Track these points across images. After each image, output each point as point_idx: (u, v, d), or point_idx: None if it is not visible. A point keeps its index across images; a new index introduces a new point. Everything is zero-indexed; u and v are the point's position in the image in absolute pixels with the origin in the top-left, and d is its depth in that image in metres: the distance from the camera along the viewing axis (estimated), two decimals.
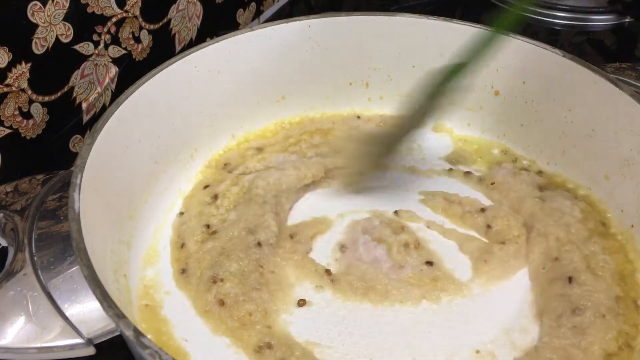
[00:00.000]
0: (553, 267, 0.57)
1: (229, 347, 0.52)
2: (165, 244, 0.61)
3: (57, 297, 0.47)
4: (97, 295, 0.42)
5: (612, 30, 1.04)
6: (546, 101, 0.68)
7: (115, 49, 0.74)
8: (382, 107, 0.77)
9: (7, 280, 0.48)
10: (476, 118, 0.74)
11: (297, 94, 0.75)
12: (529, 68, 0.68)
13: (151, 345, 0.39)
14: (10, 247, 0.52)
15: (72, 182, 0.49)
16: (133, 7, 0.75)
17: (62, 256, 0.50)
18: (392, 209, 0.65)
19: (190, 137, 0.68)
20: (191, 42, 0.88)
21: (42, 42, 0.64)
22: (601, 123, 0.62)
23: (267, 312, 0.53)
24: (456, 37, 0.70)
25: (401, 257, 0.59)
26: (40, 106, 0.66)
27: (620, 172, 0.61)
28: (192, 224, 0.62)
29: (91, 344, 0.46)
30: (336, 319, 0.55)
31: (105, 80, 0.74)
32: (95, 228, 0.49)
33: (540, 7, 1.05)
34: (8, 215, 0.54)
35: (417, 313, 0.55)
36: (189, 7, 0.85)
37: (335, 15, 0.71)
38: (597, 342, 0.50)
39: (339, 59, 0.74)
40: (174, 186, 0.66)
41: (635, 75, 0.69)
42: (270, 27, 0.70)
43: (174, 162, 0.66)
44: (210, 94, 0.68)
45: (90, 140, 0.53)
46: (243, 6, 0.99)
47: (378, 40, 0.72)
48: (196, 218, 0.62)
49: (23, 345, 0.45)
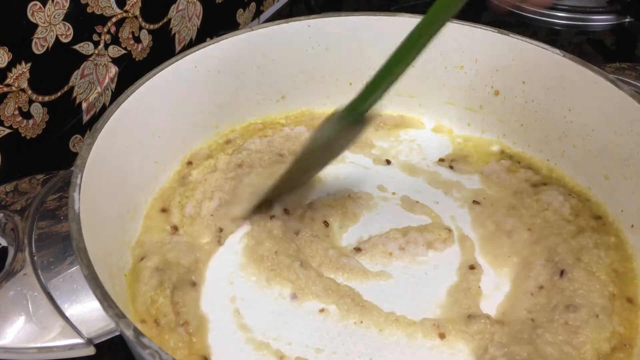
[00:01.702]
0: (542, 255, 0.58)
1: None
2: None
3: (57, 297, 0.47)
4: (97, 295, 0.42)
5: (612, 30, 1.04)
6: (546, 101, 0.68)
7: (115, 49, 0.74)
8: (382, 107, 0.77)
9: (7, 280, 0.48)
10: (476, 118, 0.74)
11: (297, 93, 0.75)
12: (529, 68, 0.68)
13: (151, 345, 0.39)
14: (10, 247, 0.52)
15: (72, 182, 0.49)
16: (133, 7, 0.75)
17: (62, 256, 0.50)
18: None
19: (190, 137, 0.68)
20: (191, 42, 0.88)
21: (42, 42, 0.64)
22: (601, 123, 0.62)
23: None
24: (456, 37, 0.70)
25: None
26: (40, 106, 0.66)
27: (620, 172, 0.61)
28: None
29: (91, 344, 0.46)
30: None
31: (105, 80, 0.74)
32: (95, 228, 0.49)
33: (540, 7, 1.05)
34: (8, 215, 0.54)
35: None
36: (189, 7, 0.85)
37: (335, 15, 0.71)
38: (589, 342, 0.50)
39: (339, 59, 0.74)
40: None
41: (635, 75, 0.69)
42: (270, 27, 0.70)
43: (174, 162, 0.66)
44: (210, 94, 0.68)
45: (90, 140, 0.53)
46: (243, 6, 0.99)
47: (378, 40, 0.72)
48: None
49: (23, 345, 0.45)
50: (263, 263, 0.58)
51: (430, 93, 0.75)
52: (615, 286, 0.55)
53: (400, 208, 0.66)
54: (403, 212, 0.65)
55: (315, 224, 0.62)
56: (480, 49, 0.70)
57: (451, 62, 0.72)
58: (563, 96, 0.66)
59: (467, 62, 0.72)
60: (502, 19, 1.06)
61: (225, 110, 0.71)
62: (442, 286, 0.58)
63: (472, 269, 0.59)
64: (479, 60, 0.71)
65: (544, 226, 0.61)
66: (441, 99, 0.75)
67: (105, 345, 0.46)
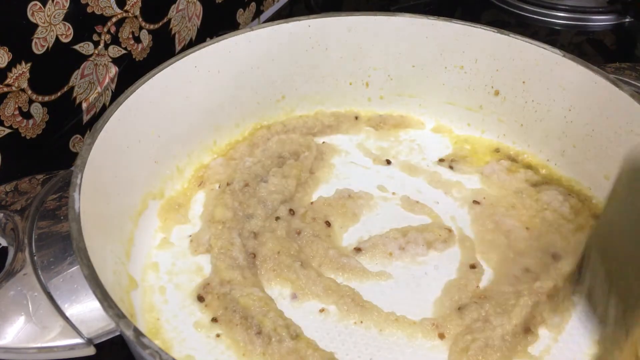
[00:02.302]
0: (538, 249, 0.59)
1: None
2: None
3: (57, 297, 0.47)
4: (97, 295, 0.42)
5: (612, 30, 1.04)
6: (546, 101, 0.68)
7: (115, 49, 0.74)
8: (382, 107, 0.77)
9: (7, 280, 0.48)
10: (476, 118, 0.74)
11: (297, 93, 0.75)
12: (529, 68, 0.68)
13: (151, 345, 0.39)
14: (10, 247, 0.52)
15: (72, 182, 0.49)
16: (133, 7, 0.75)
17: (62, 256, 0.50)
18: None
19: (190, 137, 0.68)
20: (191, 42, 0.88)
21: (42, 42, 0.64)
22: (601, 123, 0.62)
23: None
24: (456, 37, 0.70)
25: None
26: (40, 106, 0.66)
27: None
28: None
29: (91, 344, 0.46)
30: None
31: (105, 80, 0.74)
32: (95, 228, 0.49)
33: (540, 7, 1.05)
34: (8, 215, 0.54)
35: None
36: (189, 7, 0.85)
37: (335, 15, 0.71)
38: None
39: (339, 59, 0.74)
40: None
41: (635, 75, 0.69)
42: (270, 27, 0.70)
43: (174, 162, 0.66)
44: (210, 94, 0.68)
45: (90, 140, 0.53)
46: (243, 6, 0.99)
47: (378, 40, 0.72)
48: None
49: (23, 345, 0.45)
50: (265, 264, 0.58)
51: (430, 93, 0.75)
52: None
53: (400, 208, 0.66)
54: (403, 212, 0.66)
55: (316, 224, 0.62)
56: (480, 49, 0.70)
57: (451, 62, 0.72)
58: (563, 96, 0.66)
59: (467, 62, 0.72)
60: (502, 19, 1.06)
61: (225, 110, 0.71)
62: (442, 286, 0.58)
63: (473, 268, 0.59)
64: (479, 60, 0.71)
65: (543, 225, 0.61)
66: (441, 99, 0.75)
67: (105, 345, 0.46)
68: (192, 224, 0.64)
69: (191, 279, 0.58)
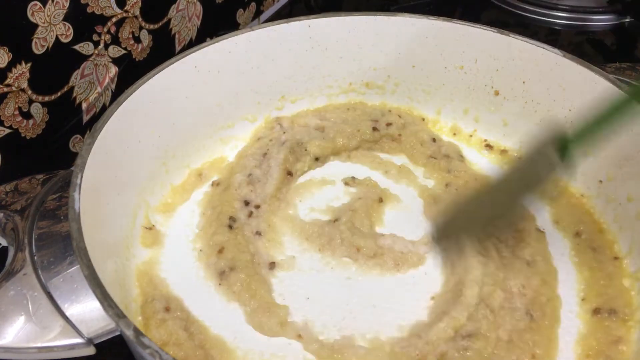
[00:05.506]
0: None
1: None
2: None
3: (57, 296, 0.47)
4: (97, 295, 0.42)
5: (612, 30, 1.04)
6: (546, 101, 0.68)
7: (115, 49, 0.74)
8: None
9: (7, 280, 0.48)
10: (477, 118, 0.74)
11: (297, 93, 0.75)
12: (529, 68, 0.68)
13: (151, 344, 0.39)
14: (10, 247, 0.53)
15: (72, 182, 0.49)
16: (133, 7, 0.75)
17: (62, 256, 0.50)
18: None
19: (190, 136, 0.68)
20: (191, 42, 0.88)
21: (42, 42, 0.64)
22: None
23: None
24: (456, 37, 0.70)
25: None
26: (40, 106, 0.66)
27: (620, 172, 0.61)
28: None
29: (91, 343, 0.46)
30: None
31: (105, 80, 0.74)
32: (95, 228, 0.49)
33: (540, 7, 1.05)
34: (8, 215, 0.54)
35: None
36: (189, 7, 0.85)
37: (335, 15, 0.71)
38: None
39: (339, 59, 0.74)
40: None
41: (635, 75, 0.69)
42: (270, 27, 0.70)
43: (174, 162, 0.66)
44: (210, 94, 0.68)
45: (90, 140, 0.53)
46: (243, 6, 0.99)
47: (378, 40, 0.72)
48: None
49: (23, 345, 0.45)
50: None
51: (430, 93, 0.75)
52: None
53: (395, 214, 0.65)
54: (397, 219, 0.65)
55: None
56: (480, 49, 0.70)
57: (451, 62, 0.72)
58: (563, 96, 0.66)
59: (467, 62, 0.72)
60: (502, 19, 1.06)
61: (226, 110, 0.71)
62: (429, 295, 0.57)
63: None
64: (479, 60, 0.71)
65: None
66: (441, 99, 0.75)
67: (105, 345, 0.46)
68: (192, 223, 0.64)
69: (191, 279, 0.58)
